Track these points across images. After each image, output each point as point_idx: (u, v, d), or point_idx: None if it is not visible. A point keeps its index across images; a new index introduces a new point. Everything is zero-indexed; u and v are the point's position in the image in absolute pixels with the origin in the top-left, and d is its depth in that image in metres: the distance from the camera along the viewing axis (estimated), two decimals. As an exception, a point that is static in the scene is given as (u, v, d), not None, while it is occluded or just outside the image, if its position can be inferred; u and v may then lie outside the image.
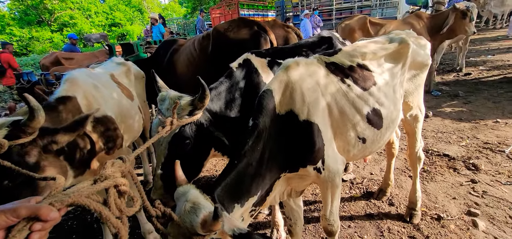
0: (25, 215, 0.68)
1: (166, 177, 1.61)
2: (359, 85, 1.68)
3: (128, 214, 0.94)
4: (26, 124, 1.37)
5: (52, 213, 0.70)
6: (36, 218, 0.69)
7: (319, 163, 1.63)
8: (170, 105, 1.58)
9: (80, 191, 0.79)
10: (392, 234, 2.66)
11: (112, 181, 0.87)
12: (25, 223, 0.68)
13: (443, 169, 3.52)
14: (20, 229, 0.67)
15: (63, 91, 1.89)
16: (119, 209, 0.89)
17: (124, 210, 0.90)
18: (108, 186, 0.86)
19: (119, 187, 0.91)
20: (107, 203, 0.86)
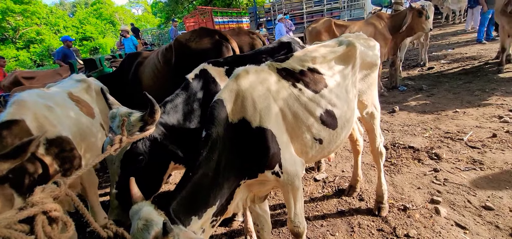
0: None
1: (121, 196, 1.56)
2: (311, 88, 1.74)
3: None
4: None
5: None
6: None
7: (277, 167, 1.65)
8: (120, 123, 1.55)
9: (0, 221, 0.76)
10: (362, 229, 2.74)
11: (39, 208, 0.84)
12: None
13: (408, 161, 3.69)
14: None
15: (8, 115, 1.80)
16: (49, 236, 0.85)
17: (55, 237, 0.87)
18: (34, 213, 0.82)
19: (50, 213, 0.87)
20: (34, 231, 0.82)
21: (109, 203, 1.64)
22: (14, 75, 6.26)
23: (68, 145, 2.05)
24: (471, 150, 3.67)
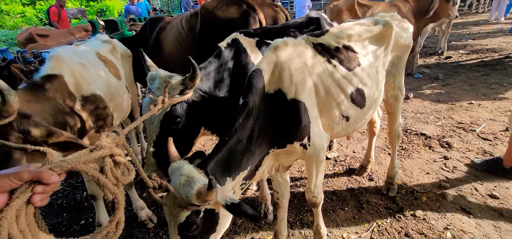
0: (28, 179, 0.72)
1: (158, 154, 1.66)
2: (344, 66, 1.77)
3: (123, 183, 0.99)
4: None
5: (53, 177, 0.75)
6: (38, 181, 0.73)
7: (305, 140, 1.73)
8: (160, 85, 1.61)
9: (77, 159, 0.83)
10: (370, 206, 2.87)
11: (108, 151, 0.91)
12: (28, 186, 0.72)
13: (419, 147, 3.77)
14: (23, 191, 0.71)
15: (49, 69, 1.86)
16: (115, 177, 0.93)
17: (120, 178, 0.94)
18: (104, 155, 0.89)
19: (115, 157, 0.94)
20: (104, 171, 0.90)
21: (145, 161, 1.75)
22: (29, 32, 6.26)
23: (101, 103, 2.13)
24: (482, 142, 3.72)
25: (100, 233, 0.87)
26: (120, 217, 0.91)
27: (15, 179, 0.70)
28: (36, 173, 0.72)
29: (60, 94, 1.83)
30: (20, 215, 0.71)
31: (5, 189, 0.70)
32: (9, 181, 0.70)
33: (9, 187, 0.70)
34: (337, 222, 2.69)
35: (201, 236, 1.44)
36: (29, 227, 0.72)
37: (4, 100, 1.30)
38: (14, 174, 0.70)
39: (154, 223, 2.75)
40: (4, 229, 0.67)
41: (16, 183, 0.71)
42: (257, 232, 2.60)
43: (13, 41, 11.67)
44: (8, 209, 0.68)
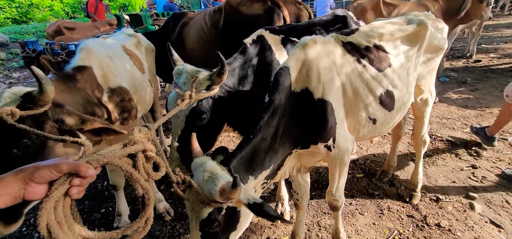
0: (66, 171, 0.74)
1: (182, 149, 1.66)
2: (375, 66, 1.69)
3: (155, 178, 1.00)
4: (36, 96, 1.38)
5: (90, 170, 0.76)
6: (76, 174, 0.75)
7: (330, 141, 1.68)
8: (187, 79, 1.61)
9: (113, 153, 0.84)
10: (391, 213, 2.77)
11: (141, 146, 0.92)
12: (66, 178, 0.74)
13: (445, 154, 3.59)
14: (62, 183, 0.73)
15: (80, 61, 1.91)
16: (147, 172, 0.94)
17: (152, 174, 0.95)
18: (137, 150, 0.91)
19: (147, 152, 0.95)
20: (136, 166, 0.91)
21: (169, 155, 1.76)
22: (57, 24, 6.52)
23: (126, 96, 2.17)
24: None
25: (130, 228, 0.88)
26: (150, 213, 0.92)
27: (54, 171, 0.72)
28: (74, 166, 0.74)
29: (89, 85, 1.88)
30: (58, 207, 0.72)
31: (45, 180, 0.72)
32: (49, 172, 0.72)
33: (49, 178, 0.72)
34: (356, 227, 2.62)
35: (222, 233, 1.43)
36: (66, 218, 0.74)
37: (42, 89, 1.34)
38: (53, 166, 0.72)
39: (171, 216, 2.79)
40: (43, 220, 0.68)
41: (55, 175, 0.72)
42: (273, 232, 2.58)
43: (42, 33, 12.26)
44: (47, 200, 0.70)
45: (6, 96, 1.36)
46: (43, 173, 0.71)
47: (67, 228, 0.74)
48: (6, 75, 9.63)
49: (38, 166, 0.72)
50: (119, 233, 0.86)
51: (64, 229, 0.72)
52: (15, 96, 1.38)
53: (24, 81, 9.14)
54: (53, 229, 0.69)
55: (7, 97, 1.35)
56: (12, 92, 1.39)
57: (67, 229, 0.73)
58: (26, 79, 9.26)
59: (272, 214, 1.30)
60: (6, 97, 1.35)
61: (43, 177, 0.71)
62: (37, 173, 0.70)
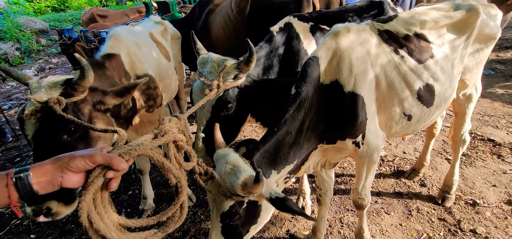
0: (100, 162, 0.76)
1: (207, 139, 1.65)
2: (414, 57, 1.54)
3: (186, 169, 0.99)
4: (77, 82, 1.44)
5: (123, 164, 0.78)
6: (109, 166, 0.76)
7: (359, 137, 1.58)
8: (212, 69, 1.57)
9: (144, 145, 0.84)
10: (421, 214, 2.61)
11: (171, 137, 0.91)
12: (100, 170, 0.76)
13: (485, 155, 3.29)
14: (97, 176, 0.76)
15: (108, 48, 1.95)
16: (179, 162, 0.94)
17: (183, 164, 0.95)
18: (168, 141, 0.90)
19: (177, 142, 0.94)
20: (168, 156, 0.91)
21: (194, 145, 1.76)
22: (91, 12, 6.83)
23: (152, 83, 2.20)
24: None
25: (165, 214, 0.89)
26: (183, 200, 0.92)
27: (89, 161, 0.74)
28: (108, 159, 0.76)
29: (117, 73, 1.92)
30: (96, 198, 0.75)
31: (80, 170, 0.74)
32: (84, 163, 0.74)
33: (83, 168, 0.74)
34: (381, 227, 2.50)
35: (242, 226, 1.42)
36: (105, 209, 0.77)
37: (84, 75, 1.40)
38: (88, 156, 0.74)
39: (193, 202, 2.86)
40: (84, 211, 0.71)
41: (89, 165, 0.75)
42: (293, 225, 2.54)
43: (78, 21, 12.95)
44: (86, 193, 0.72)
45: (45, 85, 1.41)
46: (78, 162, 0.73)
47: (107, 218, 0.76)
48: (46, 61, 10.36)
49: (74, 156, 0.74)
50: (155, 220, 0.88)
51: (104, 219, 0.75)
52: (56, 84, 1.43)
53: (62, 66, 9.78)
54: (94, 220, 0.72)
55: (48, 86, 1.41)
56: (52, 81, 1.44)
57: (107, 219, 0.76)
58: (63, 64, 9.90)
59: (295, 209, 1.26)
60: (46, 86, 1.41)
61: (78, 167, 0.73)
62: (73, 162, 0.73)
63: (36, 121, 1.33)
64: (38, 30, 11.47)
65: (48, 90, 1.38)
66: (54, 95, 1.36)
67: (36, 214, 1.31)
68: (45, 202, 1.32)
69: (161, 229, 0.87)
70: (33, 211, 1.31)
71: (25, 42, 10.28)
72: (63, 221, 2.68)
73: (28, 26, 11.06)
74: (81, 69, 1.40)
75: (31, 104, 1.33)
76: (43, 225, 2.68)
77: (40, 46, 11.02)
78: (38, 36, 11.23)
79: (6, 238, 2.59)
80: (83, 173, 0.75)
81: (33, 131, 1.34)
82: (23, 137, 4.61)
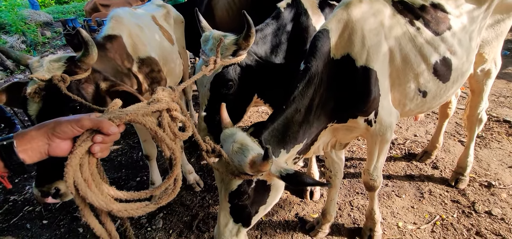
0: (88, 127, 0.71)
1: (209, 119, 1.61)
2: (431, 28, 1.44)
3: (181, 138, 0.93)
4: (81, 60, 1.40)
5: (112, 128, 0.73)
6: (98, 131, 0.72)
7: (372, 115, 1.51)
8: (213, 45, 1.51)
9: (136, 110, 0.79)
10: (433, 197, 2.55)
11: (165, 104, 0.86)
12: (88, 135, 0.72)
13: (501, 136, 3.18)
14: (84, 139, 0.71)
15: (109, 30, 1.90)
16: (173, 132, 0.88)
17: (178, 133, 0.89)
18: (161, 108, 0.85)
19: (171, 112, 0.89)
20: (161, 125, 0.85)
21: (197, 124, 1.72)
22: (94, 2, 6.77)
23: (156, 66, 2.15)
24: None
25: (159, 188, 0.85)
26: (177, 173, 0.88)
27: (76, 126, 0.70)
28: (96, 122, 0.71)
29: (119, 55, 1.88)
30: (83, 164, 0.70)
31: (68, 136, 0.70)
32: (71, 128, 0.69)
33: (71, 133, 0.70)
34: (392, 209, 2.45)
35: (251, 206, 1.38)
36: (93, 176, 0.72)
37: (88, 51, 1.35)
38: (75, 121, 0.70)
39: (201, 187, 2.85)
40: (70, 177, 0.66)
41: (77, 130, 0.70)
42: (302, 209, 2.51)
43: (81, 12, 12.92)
44: (71, 157, 0.68)
45: (47, 63, 1.37)
46: (64, 127, 0.69)
47: (95, 187, 0.72)
48: (52, 53, 10.42)
49: (60, 121, 0.70)
50: (148, 193, 0.84)
51: (92, 187, 0.71)
52: (60, 62, 1.39)
53: (67, 58, 9.82)
54: (81, 187, 0.68)
55: (51, 64, 1.37)
56: (54, 59, 1.40)
57: (95, 188, 0.72)
58: (69, 56, 9.94)
59: (309, 182, 1.22)
60: (48, 64, 1.37)
61: (65, 132, 0.69)
62: (58, 128, 0.69)
63: (40, 100, 1.30)
64: (43, 22, 11.49)
65: (51, 68, 1.34)
66: (57, 73, 1.32)
67: (44, 195, 1.30)
68: (53, 183, 1.31)
69: (153, 201, 0.83)
70: (41, 192, 1.30)
71: (30, 35, 10.33)
72: (74, 207, 2.71)
73: (33, 19, 11.08)
74: (85, 45, 1.36)
75: (33, 83, 1.29)
76: (54, 211, 2.71)
77: (45, 38, 11.06)
78: (43, 29, 11.26)
79: (19, 223, 2.64)
80: (71, 140, 0.71)
81: (36, 110, 1.31)
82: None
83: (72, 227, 2.52)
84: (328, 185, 1.34)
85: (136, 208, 0.77)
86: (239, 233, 1.40)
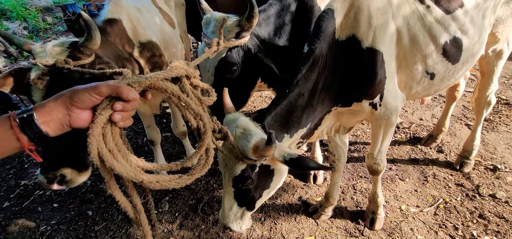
0: (107, 93, 0.67)
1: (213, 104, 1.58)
2: (442, 6, 1.38)
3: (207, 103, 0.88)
4: (84, 45, 1.38)
5: (132, 93, 0.68)
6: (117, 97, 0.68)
7: (377, 98, 1.47)
8: (215, 28, 1.48)
9: (156, 75, 0.74)
10: (437, 180, 2.54)
11: (183, 70, 0.80)
12: (108, 102, 0.67)
13: (509, 119, 3.12)
14: (104, 107, 0.67)
15: (109, 13, 1.86)
16: (197, 97, 0.82)
17: (202, 98, 0.84)
18: (180, 74, 0.79)
19: (191, 80, 0.83)
20: (184, 90, 0.79)
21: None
22: (93, -15, 6.62)
23: (157, 50, 2.12)
24: None
25: (191, 159, 0.80)
26: (208, 142, 0.82)
27: (94, 93, 0.66)
28: (114, 87, 0.67)
29: (120, 39, 1.84)
30: (106, 134, 0.67)
31: (86, 105, 0.67)
32: (89, 95, 0.66)
33: (89, 102, 0.66)
34: (395, 193, 2.46)
35: (254, 190, 1.39)
36: (118, 147, 0.69)
37: (91, 35, 1.33)
38: (92, 88, 0.66)
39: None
40: (94, 147, 0.63)
41: (96, 98, 0.66)
42: (305, 192, 2.53)
43: (81, -3, 12.71)
44: (93, 126, 0.64)
45: (51, 48, 1.35)
46: (82, 95, 0.65)
47: (121, 157, 0.68)
48: (54, 39, 10.37)
49: (77, 89, 0.66)
50: (179, 165, 0.80)
51: (118, 158, 0.67)
52: (62, 47, 1.37)
53: (69, 44, 9.78)
54: (106, 158, 0.64)
55: (53, 49, 1.35)
56: (57, 44, 1.38)
57: (121, 158, 0.68)
58: (71, 42, 9.90)
59: (313, 166, 1.21)
60: (52, 49, 1.35)
61: (83, 101, 0.66)
62: (76, 96, 0.65)
63: (44, 86, 1.29)
64: (43, 8, 11.37)
65: (54, 53, 1.33)
66: (60, 58, 1.30)
67: (50, 182, 1.32)
68: (59, 169, 1.32)
69: (187, 174, 0.78)
70: (47, 178, 1.31)
71: (32, 21, 10.25)
72: (83, 191, 2.77)
73: (33, 4, 10.96)
74: (88, 29, 1.33)
75: (37, 69, 1.28)
76: (64, 195, 2.78)
77: (47, 24, 10.97)
78: (44, 14, 11.16)
79: (31, 206, 2.72)
80: (91, 110, 0.67)
81: (40, 97, 1.31)
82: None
83: (82, 210, 2.59)
84: (331, 168, 1.34)
85: (169, 179, 0.73)
86: (244, 216, 1.42)
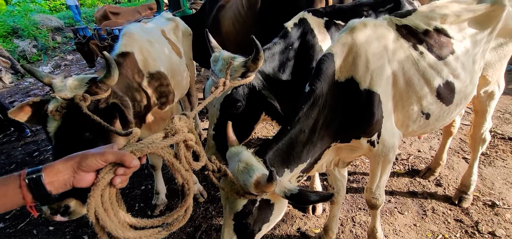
0: (112, 160, 0.76)
1: (218, 137, 1.65)
2: (434, 53, 1.48)
3: (195, 168, 0.99)
4: (103, 81, 1.46)
5: (134, 161, 0.77)
6: (120, 164, 0.76)
7: (375, 136, 1.54)
8: (222, 66, 1.57)
9: (156, 144, 0.85)
10: (436, 215, 2.54)
11: (182, 136, 0.91)
12: (111, 167, 0.76)
13: (506, 154, 3.16)
14: (107, 172, 0.76)
15: (122, 47, 1.97)
16: (188, 162, 0.94)
17: (192, 164, 0.95)
18: (179, 140, 0.90)
19: (187, 142, 0.94)
20: (178, 156, 0.91)
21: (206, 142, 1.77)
22: (104, 9, 6.95)
23: (165, 80, 2.21)
24: None
25: (171, 217, 0.89)
26: (189, 203, 0.92)
27: (101, 160, 0.74)
28: (120, 156, 0.75)
29: (131, 71, 1.94)
30: (104, 195, 0.75)
31: (92, 169, 0.74)
32: (96, 161, 0.73)
33: (95, 167, 0.74)
34: (394, 227, 2.45)
35: (254, 224, 1.41)
36: (112, 205, 0.77)
37: (110, 73, 1.41)
38: (100, 155, 0.74)
39: (204, 198, 2.88)
40: (92, 207, 0.71)
41: (101, 164, 0.74)
42: (304, 223, 2.52)
43: (91, 18, 13.20)
44: (94, 189, 0.72)
45: (70, 83, 1.44)
46: (90, 161, 0.73)
47: (113, 215, 0.77)
48: (62, 57, 10.64)
49: (86, 155, 0.74)
50: (160, 221, 0.88)
51: (110, 216, 0.75)
52: (82, 82, 1.46)
53: (76, 63, 10.03)
54: (101, 216, 0.73)
55: (73, 84, 1.43)
56: (76, 79, 1.47)
57: (113, 216, 0.76)
58: (78, 61, 10.14)
59: (314, 199, 1.23)
60: (71, 84, 1.43)
61: (90, 166, 0.73)
62: (84, 162, 0.73)
63: (60, 118, 1.35)
64: (54, 27, 11.77)
65: (72, 87, 1.41)
66: (79, 92, 1.38)
67: (53, 213, 1.33)
68: (63, 200, 1.34)
69: (165, 227, 0.88)
70: (50, 209, 1.33)
71: (41, 40, 10.58)
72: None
73: (44, 24, 11.36)
74: (108, 67, 1.42)
75: (55, 101, 1.36)
76: (60, 217, 2.77)
77: (56, 43, 11.32)
78: (54, 34, 11.54)
79: (26, 229, 2.70)
80: (94, 172, 0.75)
81: (55, 127, 1.37)
82: (41, 132, 4.75)
83: (77, 234, 2.56)
84: (332, 196, 1.36)
85: (150, 234, 0.82)
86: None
